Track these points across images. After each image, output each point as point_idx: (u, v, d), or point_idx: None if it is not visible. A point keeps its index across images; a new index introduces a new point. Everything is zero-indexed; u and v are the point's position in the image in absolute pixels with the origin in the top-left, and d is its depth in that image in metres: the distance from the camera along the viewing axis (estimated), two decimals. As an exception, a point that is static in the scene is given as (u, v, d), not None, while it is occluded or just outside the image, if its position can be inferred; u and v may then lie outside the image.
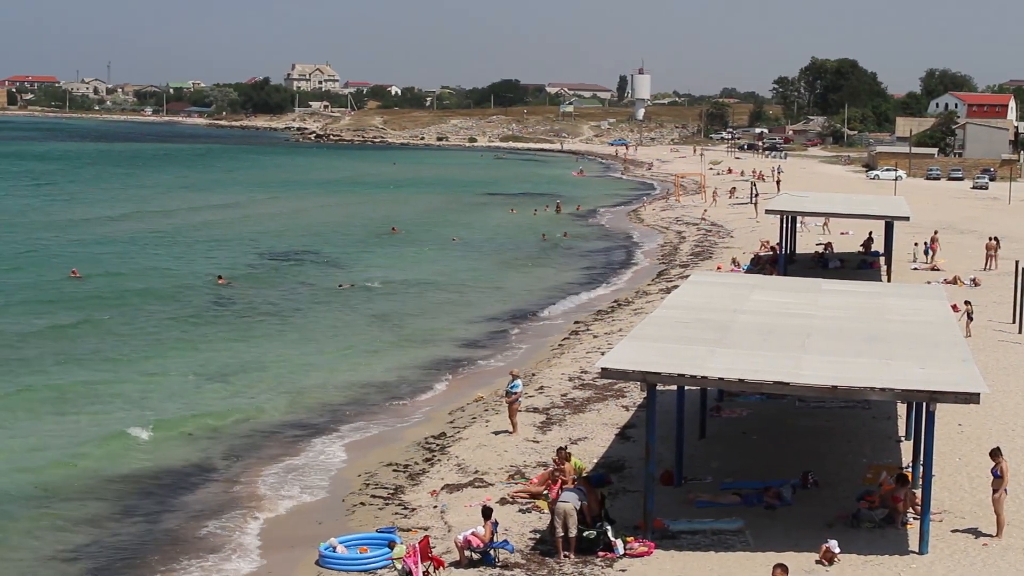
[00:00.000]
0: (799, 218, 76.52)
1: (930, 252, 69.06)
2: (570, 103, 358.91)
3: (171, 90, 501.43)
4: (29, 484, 32.82)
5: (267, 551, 28.68)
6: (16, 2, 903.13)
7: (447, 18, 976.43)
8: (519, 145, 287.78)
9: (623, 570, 25.15)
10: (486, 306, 63.70)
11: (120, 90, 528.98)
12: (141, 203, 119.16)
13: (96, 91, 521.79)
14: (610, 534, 26.12)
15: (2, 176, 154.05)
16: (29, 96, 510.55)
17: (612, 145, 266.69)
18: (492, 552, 25.77)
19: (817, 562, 24.82)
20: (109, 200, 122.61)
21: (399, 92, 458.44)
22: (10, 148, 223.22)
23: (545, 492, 28.68)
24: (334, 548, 27.07)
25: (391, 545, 26.49)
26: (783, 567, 22.40)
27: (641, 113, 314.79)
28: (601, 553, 25.89)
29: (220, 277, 68.19)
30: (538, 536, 27.29)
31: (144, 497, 32.49)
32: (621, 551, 25.81)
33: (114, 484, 33.13)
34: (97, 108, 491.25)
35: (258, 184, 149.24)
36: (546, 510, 27.30)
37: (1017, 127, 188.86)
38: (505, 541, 26.19)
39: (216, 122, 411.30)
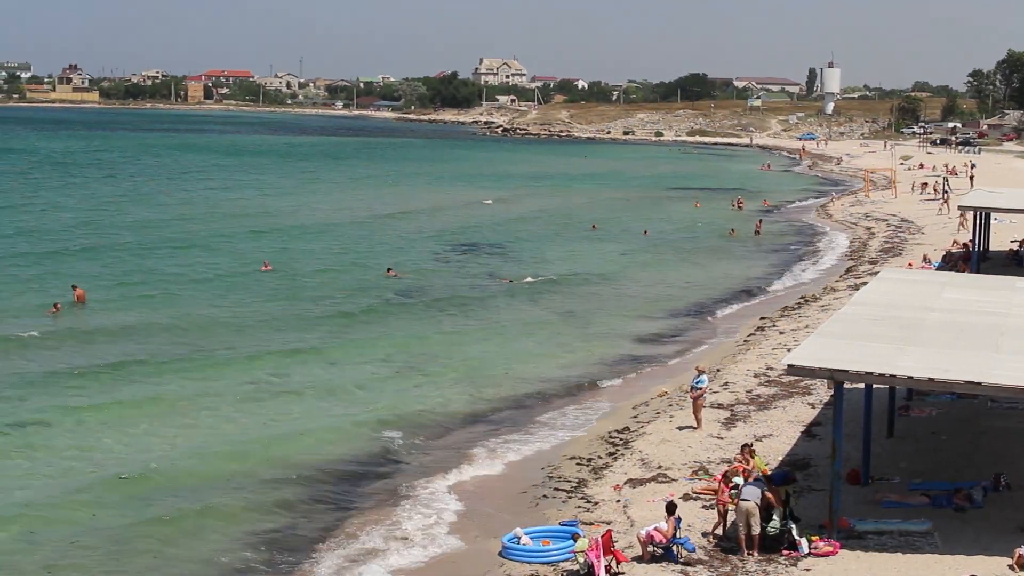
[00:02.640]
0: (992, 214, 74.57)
1: None
2: (758, 97, 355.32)
3: (361, 84, 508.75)
4: (225, 471, 33.68)
5: (449, 541, 29.06)
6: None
7: (635, 12, 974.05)
8: (706, 139, 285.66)
9: (807, 569, 24.89)
10: (671, 301, 63.42)
11: (312, 84, 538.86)
12: (334, 197, 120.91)
13: (289, 85, 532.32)
14: (794, 533, 25.87)
15: (225, 168, 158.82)
16: (224, 90, 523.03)
17: (800, 140, 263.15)
18: (674, 548, 25.70)
19: (1009, 567, 24.26)
20: (303, 192, 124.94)
21: (586, 86, 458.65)
22: (225, 140, 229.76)
23: (718, 486, 28.41)
24: (518, 539, 27.28)
25: (575, 537, 26.57)
26: None
27: (830, 107, 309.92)
28: (785, 552, 25.66)
29: (389, 269, 68.90)
30: (721, 533, 27.15)
31: (331, 485, 33.11)
32: (805, 550, 25.55)
33: (303, 472, 33.76)
34: (289, 102, 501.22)
35: (451, 177, 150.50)
36: (731, 507, 27.11)
37: None
38: (686, 538, 26.11)
39: (405, 116, 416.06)
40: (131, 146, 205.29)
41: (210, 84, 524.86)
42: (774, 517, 26.00)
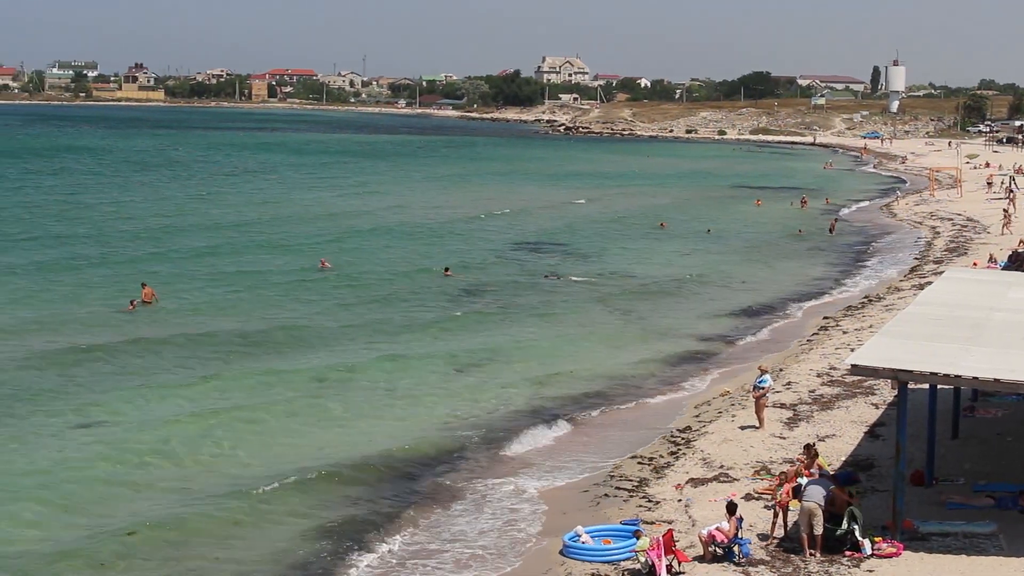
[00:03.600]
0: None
1: None
2: (822, 95, 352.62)
3: (424, 83, 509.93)
4: (288, 469, 33.83)
5: (511, 539, 29.13)
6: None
7: (699, 10, 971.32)
8: (769, 138, 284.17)
9: (870, 571, 24.75)
10: (734, 299, 63.21)
11: (375, 83, 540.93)
12: (398, 196, 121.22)
13: (352, 84, 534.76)
14: (857, 533, 25.74)
15: (292, 167, 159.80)
16: (288, 89, 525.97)
17: (864, 138, 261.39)
18: (736, 548, 25.64)
19: (1076, 570, 24.06)
20: (367, 191, 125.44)
21: (648, 84, 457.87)
22: (290, 139, 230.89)
23: (779, 487, 28.25)
24: (579, 537, 27.30)
25: (637, 535, 26.53)
26: None
27: (895, 105, 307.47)
28: (848, 553, 25.54)
29: (447, 269, 69.08)
30: (783, 533, 27.05)
31: (392, 484, 33.17)
32: (868, 551, 25.41)
33: (365, 471, 33.89)
34: (352, 101, 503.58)
35: (515, 176, 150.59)
36: (793, 507, 27.01)
37: None
38: (746, 540, 26.00)
39: (467, 114, 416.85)
40: (200, 144, 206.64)
41: (274, 83, 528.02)
42: (851, 516, 25.84)
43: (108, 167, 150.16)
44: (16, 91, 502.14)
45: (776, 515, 27.12)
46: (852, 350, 37.31)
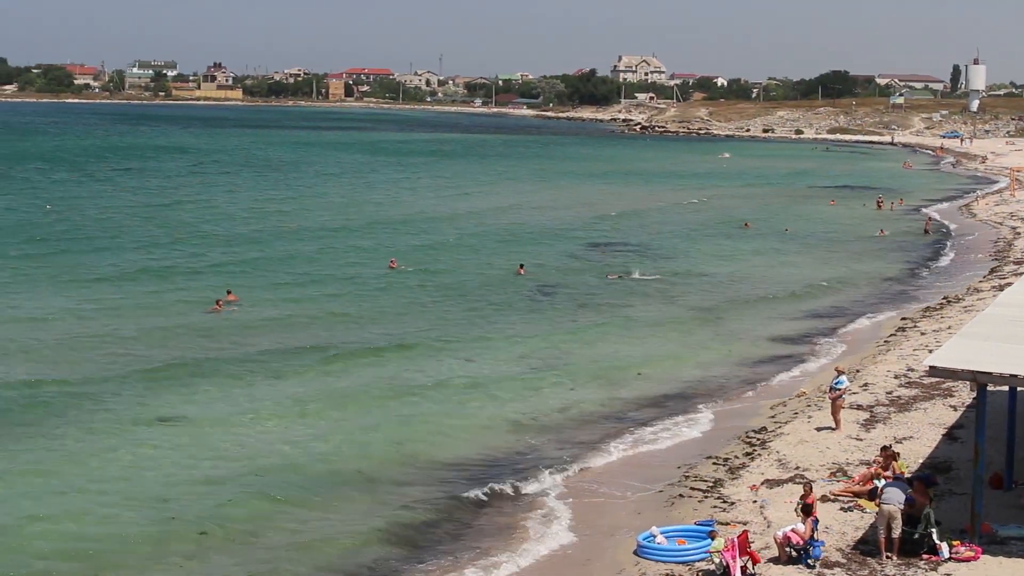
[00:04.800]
0: None
1: None
2: (900, 94, 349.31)
3: (500, 82, 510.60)
4: (357, 466, 34.12)
5: (585, 537, 29.16)
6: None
7: (775, 8, 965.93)
8: (846, 137, 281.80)
9: (948, 575, 24.53)
10: (811, 299, 62.87)
11: (451, 82, 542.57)
12: (476, 195, 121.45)
13: (428, 83, 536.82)
14: (935, 537, 25.51)
15: (371, 166, 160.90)
16: (365, 88, 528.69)
17: (944, 138, 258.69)
18: (811, 550, 25.48)
19: None
20: (447, 190, 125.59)
21: (725, 83, 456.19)
22: (368, 137, 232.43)
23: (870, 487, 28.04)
24: (654, 537, 27.25)
25: (712, 535, 26.44)
26: None
27: (975, 105, 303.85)
28: (925, 556, 25.31)
29: (521, 267, 69.20)
30: (860, 535, 26.86)
31: (463, 482, 33.26)
32: (946, 555, 25.17)
33: (435, 469, 34.11)
34: (428, 100, 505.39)
35: (593, 175, 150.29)
36: (869, 509, 26.81)
37: None
38: (820, 543, 25.80)
39: (543, 113, 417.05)
40: (284, 144, 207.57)
41: (351, 82, 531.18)
42: (926, 520, 25.62)
43: (201, 167, 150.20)
44: (97, 90, 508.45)
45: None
46: (930, 351, 36.97)
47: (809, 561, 25.26)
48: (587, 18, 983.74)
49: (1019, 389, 30.13)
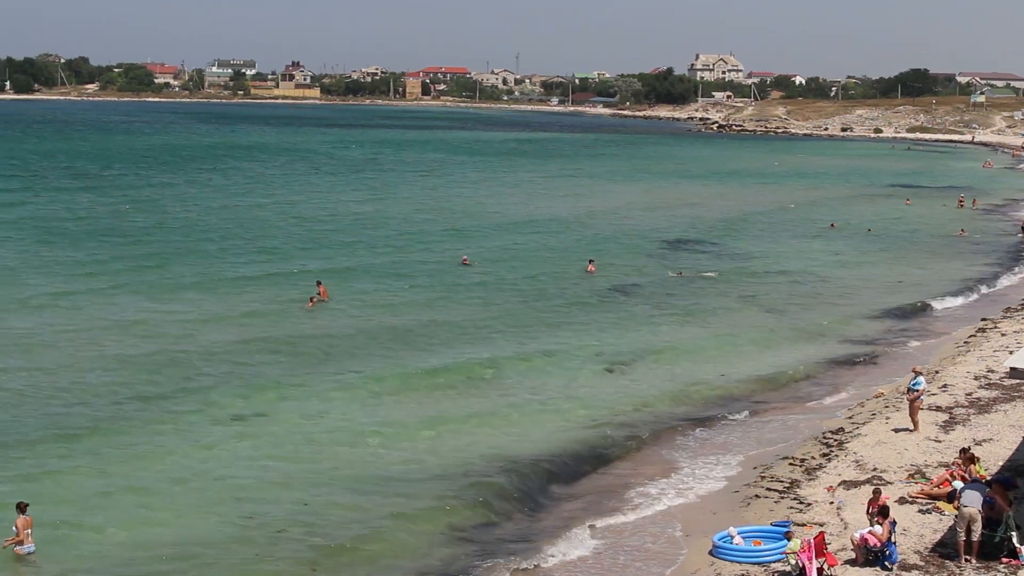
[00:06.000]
0: None
1: None
2: (982, 93, 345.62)
3: (576, 80, 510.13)
4: (431, 464, 34.24)
5: (659, 539, 29.12)
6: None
7: (855, 6, 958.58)
8: (926, 136, 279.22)
9: (1028, 579, 24.31)
10: (890, 299, 62.29)
11: (528, 80, 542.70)
12: (555, 194, 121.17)
13: (505, 82, 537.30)
14: (1015, 541, 25.25)
15: (452, 164, 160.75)
16: (441, 87, 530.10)
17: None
18: (888, 552, 25.29)
19: None
20: (527, 190, 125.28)
21: (803, 82, 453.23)
22: (448, 136, 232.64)
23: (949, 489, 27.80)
24: (731, 538, 27.19)
25: (788, 536, 26.32)
26: None
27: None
28: (1005, 560, 25.07)
29: (591, 262, 69.15)
30: (938, 538, 26.64)
31: (538, 481, 33.35)
32: (1026, 559, 24.96)
33: (512, 468, 34.00)
34: (505, 98, 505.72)
35: (672, 175, 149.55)
36: (948, 512, 26.59)
37: None
38: (894, 546, 25.58)
39: (619, 112, 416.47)
40: (367, 142, 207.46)
41: (428, 80, 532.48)
42: (1006, 523, 25.37)
43: (292, 167, 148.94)
44: (177, 89, 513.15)
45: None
46: (1011, 352, 36.65)
47: (886, 564, 25.09)
48: (664, 16, 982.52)
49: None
